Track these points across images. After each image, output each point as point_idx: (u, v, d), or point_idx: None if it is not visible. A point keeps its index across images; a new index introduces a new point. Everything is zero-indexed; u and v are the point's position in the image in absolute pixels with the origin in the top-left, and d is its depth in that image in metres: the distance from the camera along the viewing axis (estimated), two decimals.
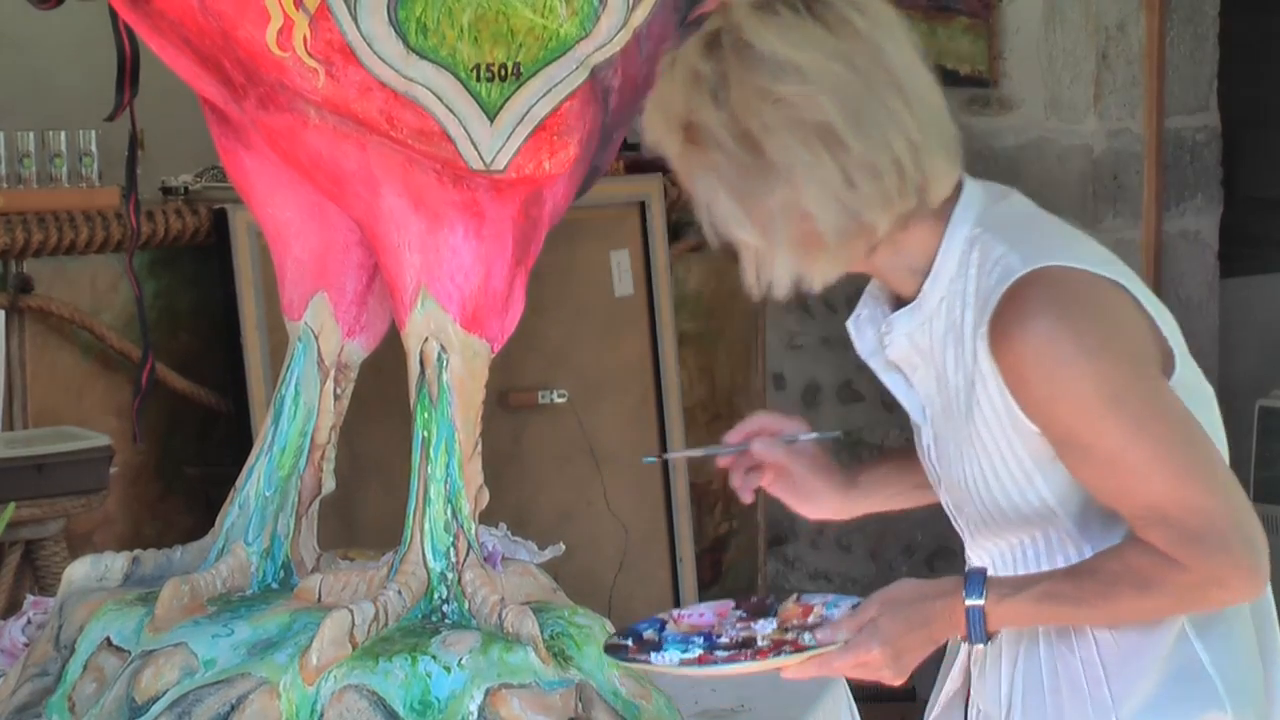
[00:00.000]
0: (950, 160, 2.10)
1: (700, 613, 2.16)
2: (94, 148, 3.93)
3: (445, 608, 2.17)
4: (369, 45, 2.03)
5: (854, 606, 2.10)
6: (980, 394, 2.09)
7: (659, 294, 4.49)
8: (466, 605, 2.17)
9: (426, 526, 2.17)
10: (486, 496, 2.23)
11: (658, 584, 4.46)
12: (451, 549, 2.17)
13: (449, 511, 2.17)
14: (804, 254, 2.04)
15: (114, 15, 2.20)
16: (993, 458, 2.11)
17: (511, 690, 2.08)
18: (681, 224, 4.67)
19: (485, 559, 2.22)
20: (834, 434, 2.37)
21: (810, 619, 2.12)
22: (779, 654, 2.04)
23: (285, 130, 2.13)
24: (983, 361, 2.07)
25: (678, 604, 4.50)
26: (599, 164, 2.25)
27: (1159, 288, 5.18)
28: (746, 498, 2.29)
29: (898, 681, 2.07)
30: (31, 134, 3.92)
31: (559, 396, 4.28)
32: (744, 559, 4.93)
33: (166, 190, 4.14)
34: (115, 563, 2.34)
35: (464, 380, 2.18)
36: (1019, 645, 2.14)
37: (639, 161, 4.68)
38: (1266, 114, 5.72)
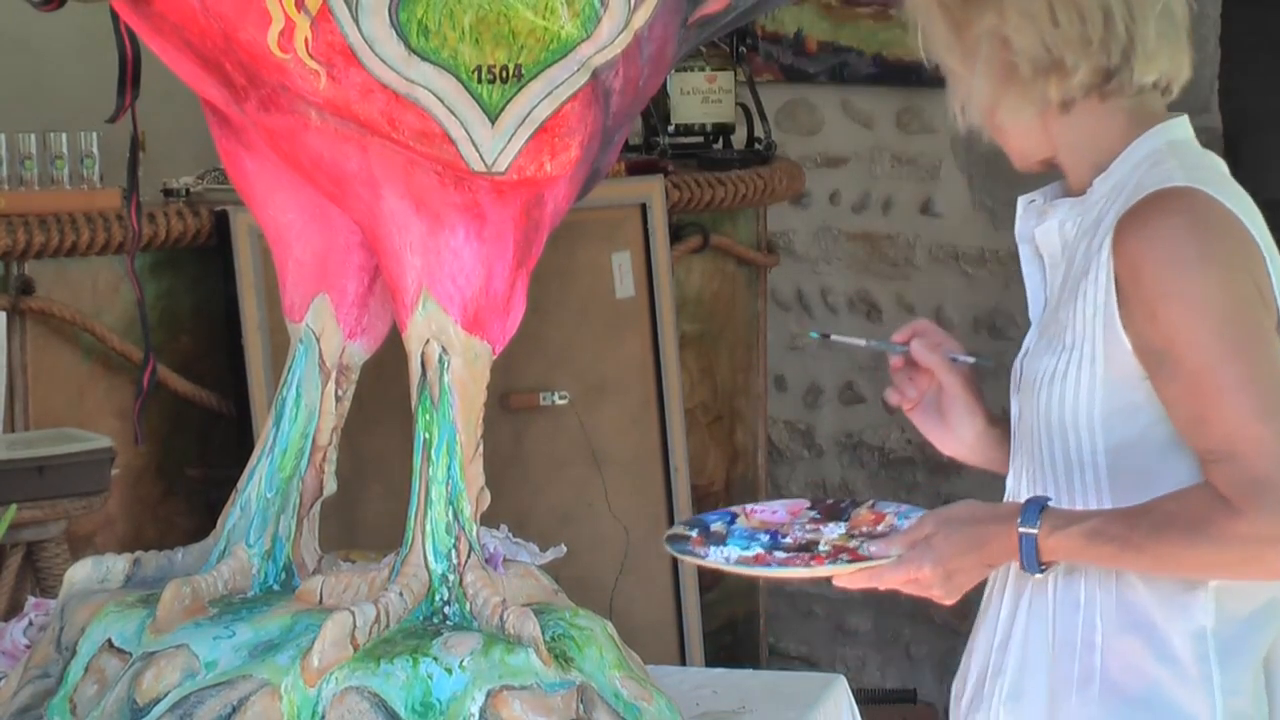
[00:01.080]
0: (1167, 47, 2.20)
1: (774, 510, 2.18)
2: (95, 149, 3.93)
3: (447, 609, 2.17)
4: (370, 47, 2.03)
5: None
6: (1090, 286, 2.11)
7: (660, 295, 4.49)
8: (468, 607, 2.17)
9: (428, 528, 2.17)
10: (488, 498, 2.23)
11: (659, 586, 4.46)
12: (453, 551, 2.17)
13: (450, 513, 2.18)
14: (999, 83, 2.16)
15: (115, 17, 2.20)
16: (1070, 355, 2.12)
17: (513, 692, 2.08)
18: (682, 225, 4.67)
19: (487, 561, 2.22)
20: (988, 362, 2.36)
21: (880, 527, 2.14)
22: (834, 562, 2.05)
23: (286, 132, 2.14)
24: (1104, 253, 2.10)
25: (679, 607, 4.50)
26: (600, 166, 2.25)
27: None
28: (894, 400, 2.33)
29: (949, 601, 2.09)
30: (33, 136, 3.92)
31: (560, 398, 4.28)
32: None
33: (168, 192, 4.14)
34: (117, 564, 2.34)
35: (465, 382, 2.18)
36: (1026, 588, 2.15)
37: (640, 163, 4.69)
38: (1268, 116, 5.72)
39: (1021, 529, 2.05)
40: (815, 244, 5.71)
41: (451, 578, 2.17)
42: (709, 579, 4.68)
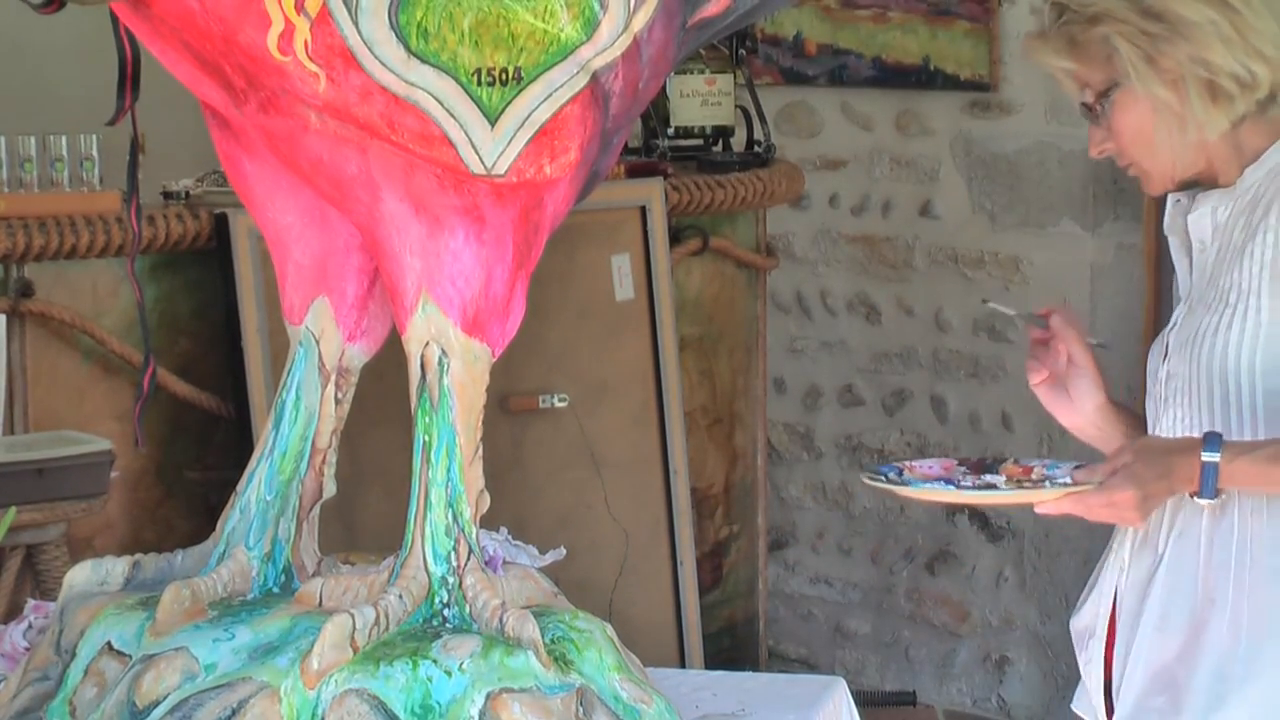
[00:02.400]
0: None
1: (929, 465, 2.39)
2: (95, 152, 3.93)
3: (446, 612, 2.17)
4: (370, 49, 2.03)
5: (1077, 467, 2.34)
6: (1256, 247, 2.36)
7: (660, 298, 4.49)
8: (467, 609, 2.17)
9: (427, 531, 2.17)
10: (487, 501, 2.23)
11: (659, 588, 4.47)
12: (452, 553, 2.18)
13: (450, 516, 2.18)
14: (1209, 98, 2.37)
15: (115, 19, 2.20)
16: (1234, 312, 2.35)
17: (512, 694, 2.08)
18: (682, 228, 4.67)
19: (486, 563, 2.22)
20: (1110, 346, 2.64)
21: (1033, 476, 2.35)
22: (1046, 486, 2.27)
23: (286, 135, 2.14)
24: (1273, 215, 2.36)
25: (678, 609, 4.50)
26: (600, 168, 2.25)
27: (1159, 291, 5.19)
28: (1040, 377, 2.49)
29: (1139, 524, 2.30)
30: (33, 138, 3.92)
31: (560, 401, 4.28)
32: (744, 563, 4.93)
33: (167, 194, 4.14)
34: (116, 567, 2.34)
35: (465, 384, 2.18)
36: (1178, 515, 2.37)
37: (640, 166, 4.69)
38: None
39: (1205, 457, 2.25)
40: (815, 246, 5.72)
41: (451, 580, 2.17)
42: (709, 579, 4.68)
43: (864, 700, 2.61)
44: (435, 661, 2.09)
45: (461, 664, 2.09)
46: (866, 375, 5.68)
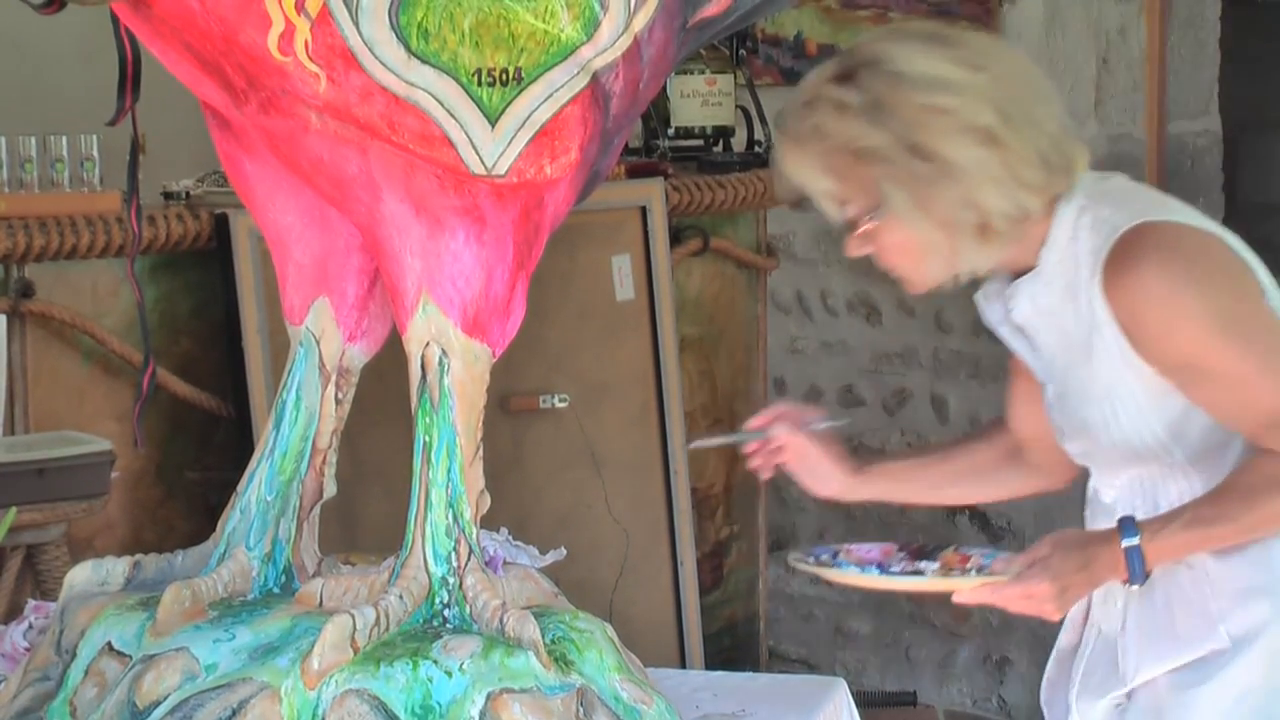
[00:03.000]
0: (1081, 144, 2.36)
1: (869, 549, 2.39)
2: (96, 152, 3.93)
3: (446, 612, 2.17)
4: (370, 50, 2.03)
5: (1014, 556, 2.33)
6: (1097, 341, 2.32)
7: (660, 298, 4.49)
8: (468, 610, 2.17)
9: (428, 531, 2.17)
10: (488, 501, 2.23)
11: (659, 588, 4.46)
12: (453, 553, 2.17)
13: (450, 516, 2.18)
14: (981, 240, 2.30)
15: (115, 20, 2.20)
16: (1112, 400, 2.33)
17: (513, 695, 2.08)
18: (682, 228, 4.67)
19: (486, 563, 2.22)
20: (844, 422, 2.64)
21: (969, 565, 2.35)
22: (961, 575, 2.28)
23: (286, 135, 2.14)
24: (1099, 310, 2.31)
25: (679, 609, 4.50)
26: (600, 169, 2.25)
27: None
28: (766, 474, 2.53)
29: (1057, 616, 2.29)
30: (33, 138, 3.92)
31: (560, 401, 4.28)
32: (745, 564, 4.93)
33: (168, 195, 4.14)
34: (116, 567, 2.34)
35: (465, 385, 2.18)
36: None
37: (640, 166, 4.68)
38: (1268, 118, 5.72)
39: (1126, 543, 2.26)
40: (815, 246, 5.71)
41: (451, 580, 2.17)
42: (709, 580, 4.68)
43: (864, 701, 2.62)
44: (436, 662, 2.09)
45: (462, 664, 2.09)
46: (867, 375, 5.68)
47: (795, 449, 2.52)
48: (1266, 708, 2.34)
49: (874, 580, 2.31)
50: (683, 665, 4.43)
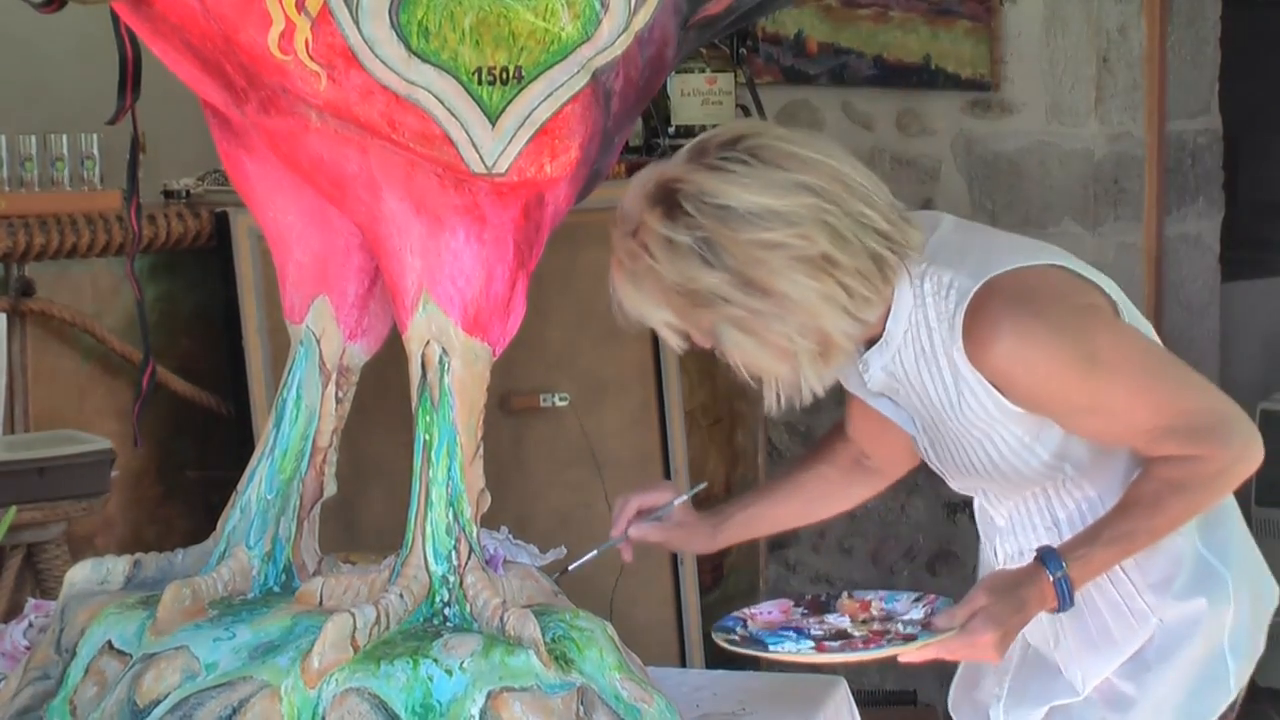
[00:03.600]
0: (909, 226, 2.32)
1: (768, 610, 2.37)
2: (96, 151, 3.93)
3: (447, 611, 2.17)
4: (371, 49, 2.03)
5: (917, 599, 2.37)
6: (968, 399, 2.34)
7: None
8: (468, 608, 2.17)
9: (428, 530, 2.17)
10: (488, 500, 2.23)
11: (659, 587, 4.46)
12: (453, 552, 2.17)
13: (451, 515, 2.18)
14: (823, 361, 2.28)
15: (115, 18, 2.20)
16: (994, 441, 2.36)
17: (513, 693, 2.08)
18: None
19: (487, 562, 2.22)
20: (698, 487, 2.74)
21: (873, 612, 2.37)
22: (891, 643, 2.28)
23: (286, 134, 2.14)
24: (966, 374, 2.32)
25: (679, 608, 4.50)
26: (600, 168, 2.25)
27: (1160, 291, 5.18)
28: (627, 557, 2.62)
29: (998, 660, 2.32)
30: (33, 137, 3.92)
31: (560, 400, 4.28)
32: (745, 563, 4.93)
33: (168, 193, 4.14)
34: (117, 566, 2.34)
35: (465, 383, 2.18)
36: None
37: (641, 165, 4.67)
38: (1268, 117, 5.73)
39: (1054, 576, 2.28)
40: None
41: (452, 579, 2.17)
42: (709, 579, 4.68)
43: (864, 700, 2.63)
44: (436, 660, 2.09)
45: (462, 663, 2.09)
46: None
47: (657, 536, 2.59)
48: (1211, 671, 2.43)
49: (819, 658, 2.27)
50: (683, 664, 4.43)
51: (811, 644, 2.26)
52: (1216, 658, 2.44)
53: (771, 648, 2.26)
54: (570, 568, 2.32)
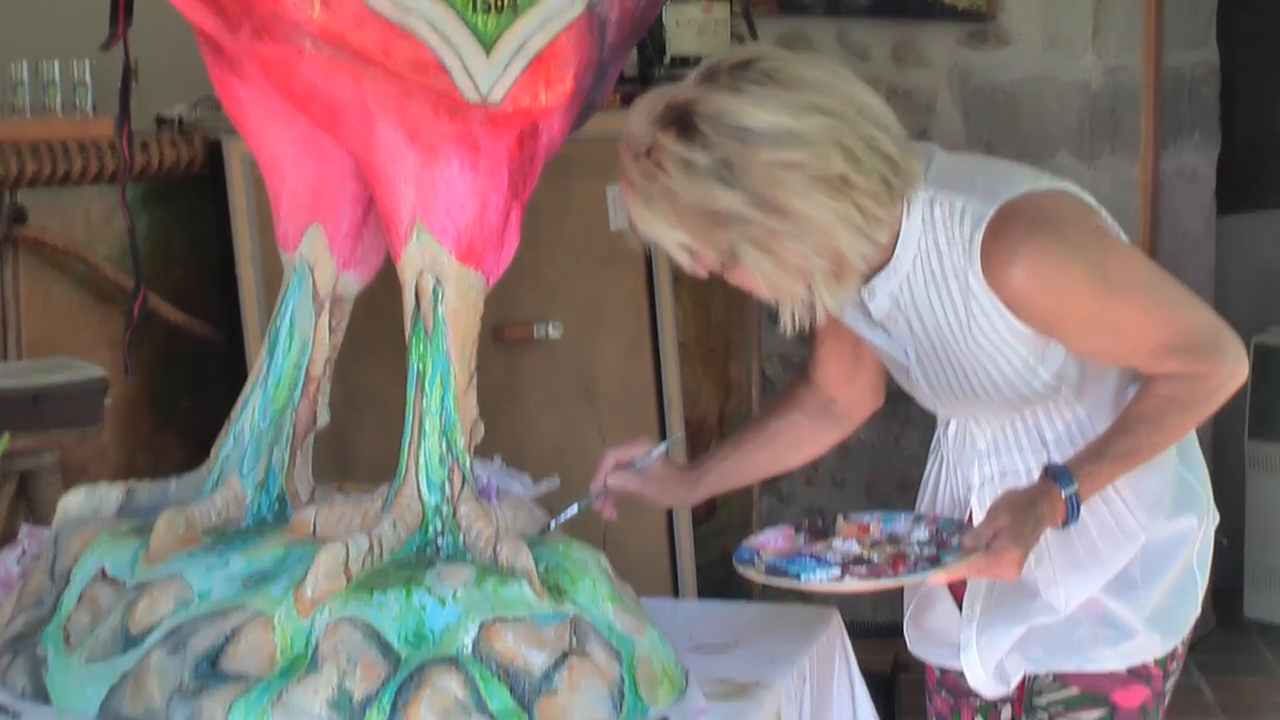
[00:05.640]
0: (914, 153, 2.35)
1: (774, 539, 2.38)
2: (88, 78, 3.91)
3: (440, 541, 2.17)
4: None
5: (916, 519, 2.43)
6: (979, 321, 2.36)
7: None
8: (461, 538, 2.17)
9: (421, 460, 2.17)
10: (481, 430, 2.23)
11: (652, 518, 4.47)
12: (446, 482, 2.17)
13: (444, 445, 2.17)
14: (837, 281, 2.30)
15: None
16: (998, 364, 2.39)
17: (506, 624, 2.08)
18: None
19: (480, 492, 2.22)
20: (675, 437, 2.95)
21: (875, 535, 2.40)
22: (935, 566, 2.30)
23: (280, 61, 2.12)
24: (980, 297, 2.34)
25: (672, 540, 4.51)
26: (595, 98, 2.24)
27: (1155, 225, 5.18)
28: (611, 514, 2.59)
29: (1016, 578, 2.34)
30: (24, 63, 3.90)
31: (554, 330, 4.28)
32: (738, 495, 4.93)
33: (161, 121, 4.12)
34: (110, 494, 2.34)
35: (459, 313, 2.18)
36: None
37: (636, 96, 4.65)
38: (1266, 50, 5.70)
39: (1065, 493, 2.33)
40: None
41: (445, 509, 2.17)
42: (702, 510, 4.68)
43: (857, 631, 2.63)
44: (429, 590, 2.09)
45: (455, 593, 2.09)
46: None
47: (635, 486, 2.61)
48: (1184, 585, 2.48)
49: (853, 586, 2.27)
50: (676, 595, 4.44)
51: (838, 570, 2.28)
52: (1188, 573, 2.49)
53: (803, 578, 2.26)
54: (552, 524, 2.32)
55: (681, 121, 2.22)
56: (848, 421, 2.66)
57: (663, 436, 4.48)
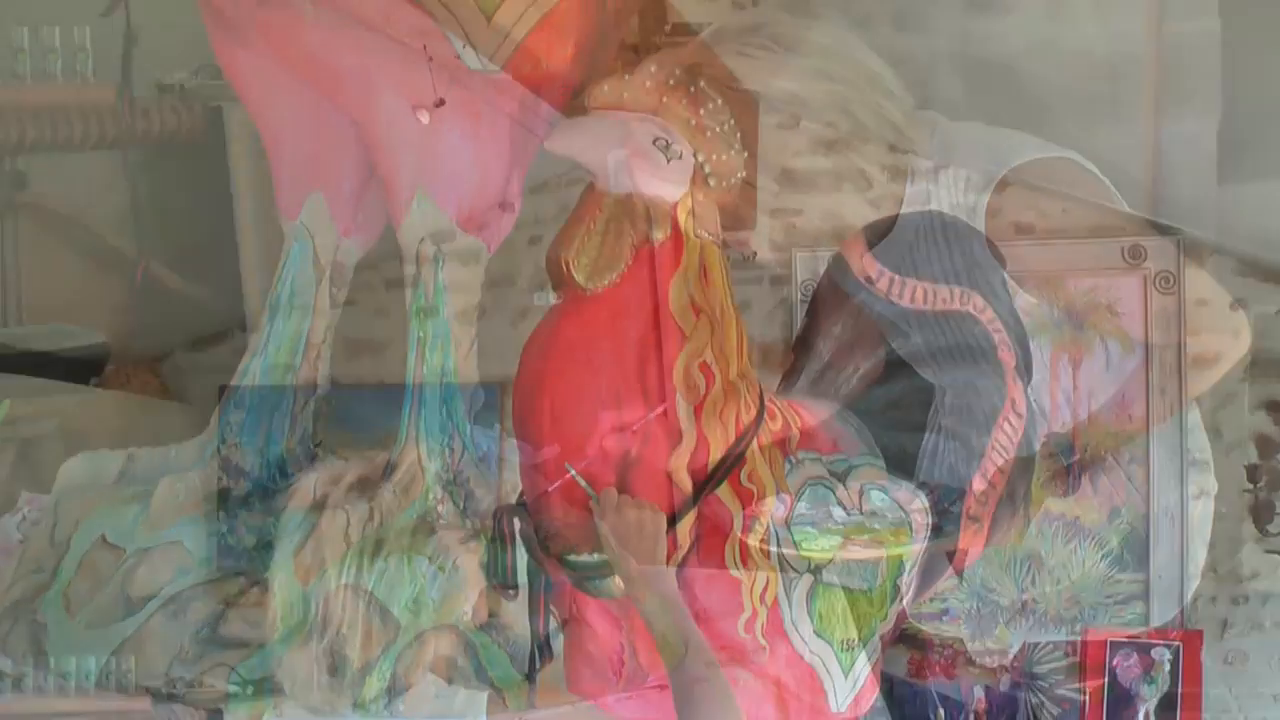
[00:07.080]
0: (922, 121, 2.46)
1: None
2: (89, 44, 3.90)
3: (440, 508, 2.17)
4: None
5: None
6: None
7: None
8: (461, 505, 2.17)
9: (422, 427, 2.17)
10: (482, 398, 2.23)
11: None
12: (447, 450, 2.18)
13: (444, 412, 2.18)
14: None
15: None
16: None
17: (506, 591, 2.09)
18: None
19: (480, 460, 2.22)
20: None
21: None
22: None
23: (283, 27, 2.12)
24: (982, 262, 2.35)
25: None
26: (597, 66, 2.24)
27: (1157, 193, 5.16)
28: None
29: None
30: (25, 29, 3.89)
31: (554, 299, 4.27)
32: None
33: (163, 87, 4.11)
34: (110, 460, 2.34)
35: (460, 280, 2.18)
36: None
37: (637, 64, 4.64)
38: (1268, 19, 5.69)
39: None
40: None
41: (445, 476, 2.18)
42: None
43: None
44: (429, 558, 2.09)
45: (455, 560, 2.09)
46: None
47: None
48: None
49: None
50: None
51: None
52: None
53: None
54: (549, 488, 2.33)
55: (690, 85, 2.22)
56: None
57: None
